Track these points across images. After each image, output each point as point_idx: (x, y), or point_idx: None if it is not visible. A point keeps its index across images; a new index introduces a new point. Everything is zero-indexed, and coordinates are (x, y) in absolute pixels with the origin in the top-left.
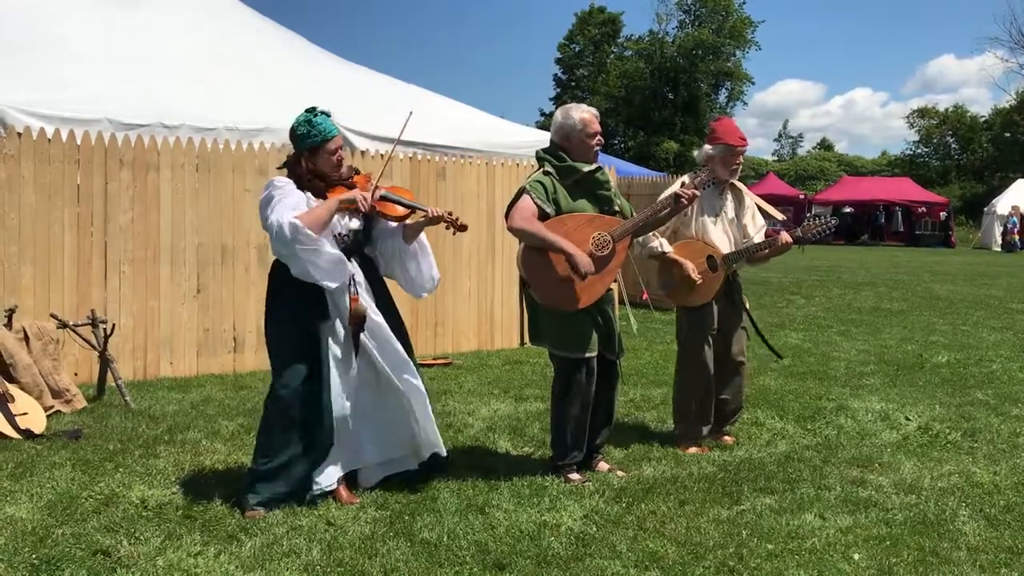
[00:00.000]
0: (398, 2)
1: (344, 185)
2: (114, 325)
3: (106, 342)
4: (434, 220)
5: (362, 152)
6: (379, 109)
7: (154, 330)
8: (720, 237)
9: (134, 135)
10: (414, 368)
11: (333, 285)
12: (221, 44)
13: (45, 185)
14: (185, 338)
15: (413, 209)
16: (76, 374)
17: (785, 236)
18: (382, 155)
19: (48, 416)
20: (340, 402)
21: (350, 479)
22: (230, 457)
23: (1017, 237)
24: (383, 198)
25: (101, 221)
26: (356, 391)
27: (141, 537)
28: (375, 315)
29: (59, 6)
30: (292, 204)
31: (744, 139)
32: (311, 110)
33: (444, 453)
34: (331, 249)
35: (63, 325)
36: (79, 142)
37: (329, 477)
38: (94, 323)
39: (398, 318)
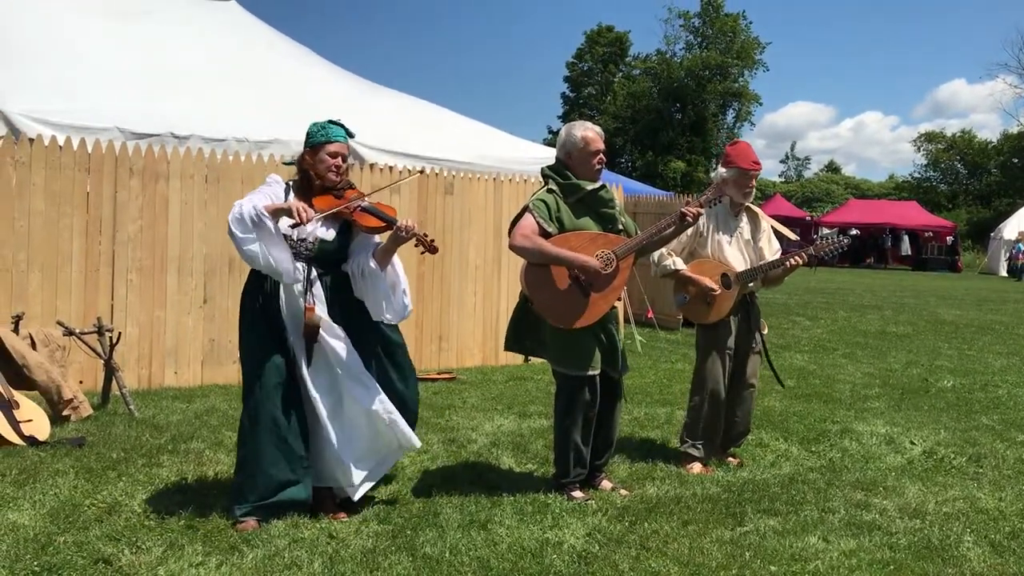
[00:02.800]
0: (409, 17)
1: (333, 193)
2: (120, 333)
3: (112, 350)
4: (406, 237)
5: (371, 165)
6: (388, 123)
7: (160, 339)
8: (735, 256)
9: (144, 144)
10: (376, 389)
11: (285, 280)
12: (232, 56)
13: (55, 192)
14: (190, 348)
15: (389, 224)
16: (81, 382)
17: (798, 255)
18: (391, 168)
19: (63, 417)
20: (310, 414)
21: (332, 494)
22: (233, 468)
23: (1021, 262)
24: (363, 210)
25: (110, 229)
26: (320, 404)
27: (143, 546)
28: (329, 332)
29: (72, 18)
30: (269, 192)
31: (757, 163)
32: (333, 120)
33: (416, 447)
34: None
35: (69, 332)
36: (90, 150)
37: (305, 489)
38: (100, 331)
39: (373, 338)
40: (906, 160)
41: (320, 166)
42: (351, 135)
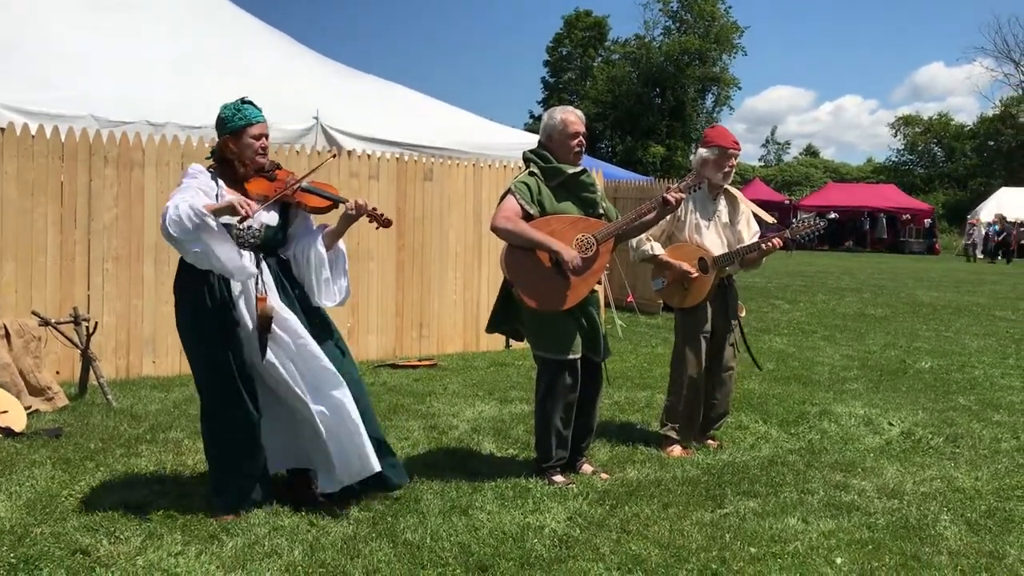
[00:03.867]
0: (388, 4)
1: (264, 176)
2: (96, 323)
3: (88, 340)
4: (356, 214)
5: (348, 152)
6: (366, 109)
7: (137, 328)
8: (714, 240)
9: (119, 132)
10: (338, 378)
11: (239, 278)
12: (207, 43)
13: (28, 182)
14: (168, 336)
15: (335, 202)
16: (58, 372)
17: (775, 239)
18: (368, 156)
19: (28, 415)
20: (254, 404)
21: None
22: None
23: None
24: (303, 190)
25: (84, 218)
26: (264, 393)
27: (121, 536)
28: (284, 319)
29: (46, 7)
30: (199, 185)
31: (737, 143)
32: (242, 99)
33: (375, 471)
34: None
35: (45, 323)
36: (63, 138)
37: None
38: (76, 321)
39: (325, 323)
40: (884, 144)
41: (247, 151)
42: (259, 109)
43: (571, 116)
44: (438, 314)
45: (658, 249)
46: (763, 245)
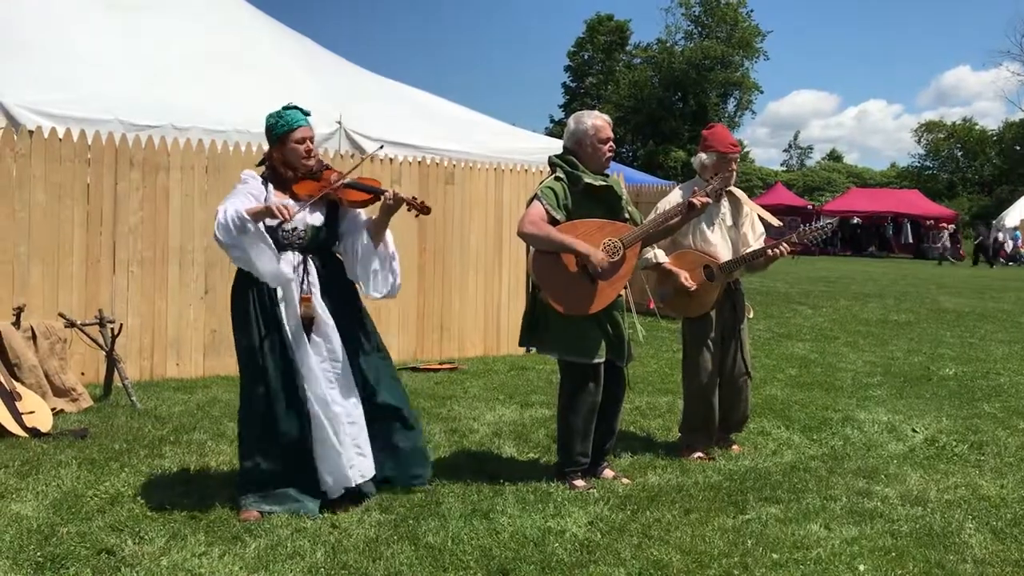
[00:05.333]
0: (410, 8)
1: (311, 178)
2: (121, 325)
3: (113, 342)
4: (396, 204)
5: (372, 156)
6: (388, 113)
7: (161, 331)
8: (720, 243)
9: (144, 136)
10: (355, 390)
11: (273, 283)
12: (232, 47)
13: (55, 184)
14: (192, 339)
15: (376, 194)
16: (83, 373)
17: (782, 244)
18: (391, 160)
19: (54, 415)
20: (314, 408)
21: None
22: (235, 459)
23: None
24: (346, 186)
25: (110, 221)
26: (317, 399)
27: (146, 537)
28: (326, 323)
29: (72, 9)
30: (248, 190)
31: (735, 145)
32: (286, 105)
33: (350, 485)
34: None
35: (71, 324)
36: (90, 142)
37: (314, 501)
38: (102, 323)
39: (362, 325)
40: (909, 149)
41: (291, 156)
42: (307, 113)
43: (600, 122)
44: (459, 317)
45: (662, 257)
46: (768, 251)
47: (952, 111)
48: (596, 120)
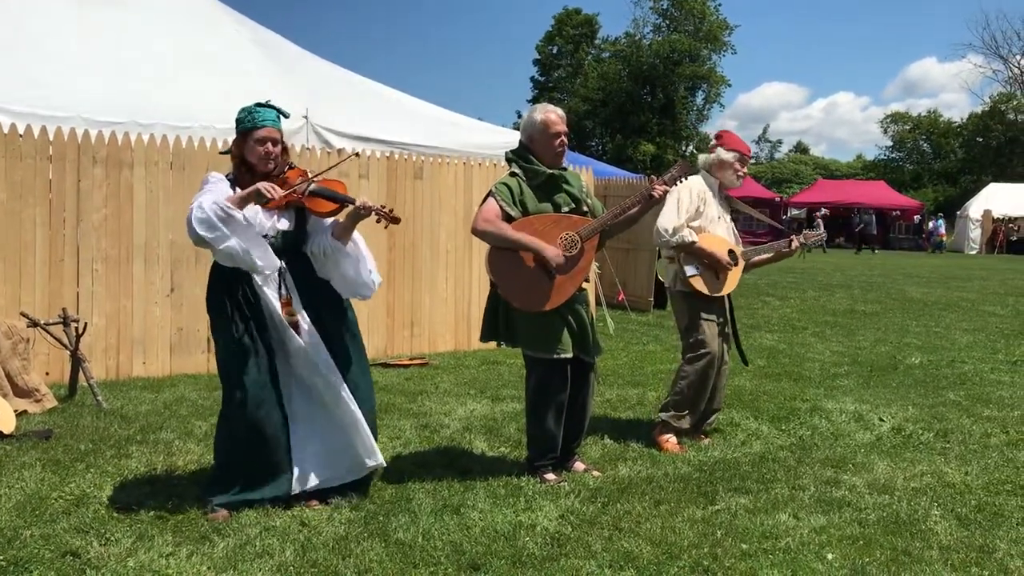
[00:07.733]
0: (378, 3)
1: (272, 180)
2: (86, 324)
3: (78, 341)
4: (364, 213)
5: (338, 151)
6: (356, 109)
7: (127, 329)
8: (725, 236)
9: (108, 132)
10: (341, 382)
11: (266, 271)
12: (197, 43)
13: (16, 182)
14: (158, 337)
15: (343, 203)
16: (47, 373)
17: (793, 243)
18: (357, 154)
19: (17, 417)
20: (281, 410)
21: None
22: (203, 458)
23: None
24: (313, 194)
25: (73, 219)
26: (292, 400)
27: (112, 538)
28: (304, 323)
29: (34, 5)
30: (219, 191)
31: (750, 149)
32: (262, 102)
33: (379, 463)
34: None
35: (34, 324)
36: (51, 138)
37: (283, 485)
38: (66, 322)
39: (343, 319)
40: (875, 141)
41: (250, 155)
42: (285, 115)
43: (552, 116)
44: (429, 313)
45: (694, 236)
46: (783, 249)
47: (919, 103)
48: (547, 115)
